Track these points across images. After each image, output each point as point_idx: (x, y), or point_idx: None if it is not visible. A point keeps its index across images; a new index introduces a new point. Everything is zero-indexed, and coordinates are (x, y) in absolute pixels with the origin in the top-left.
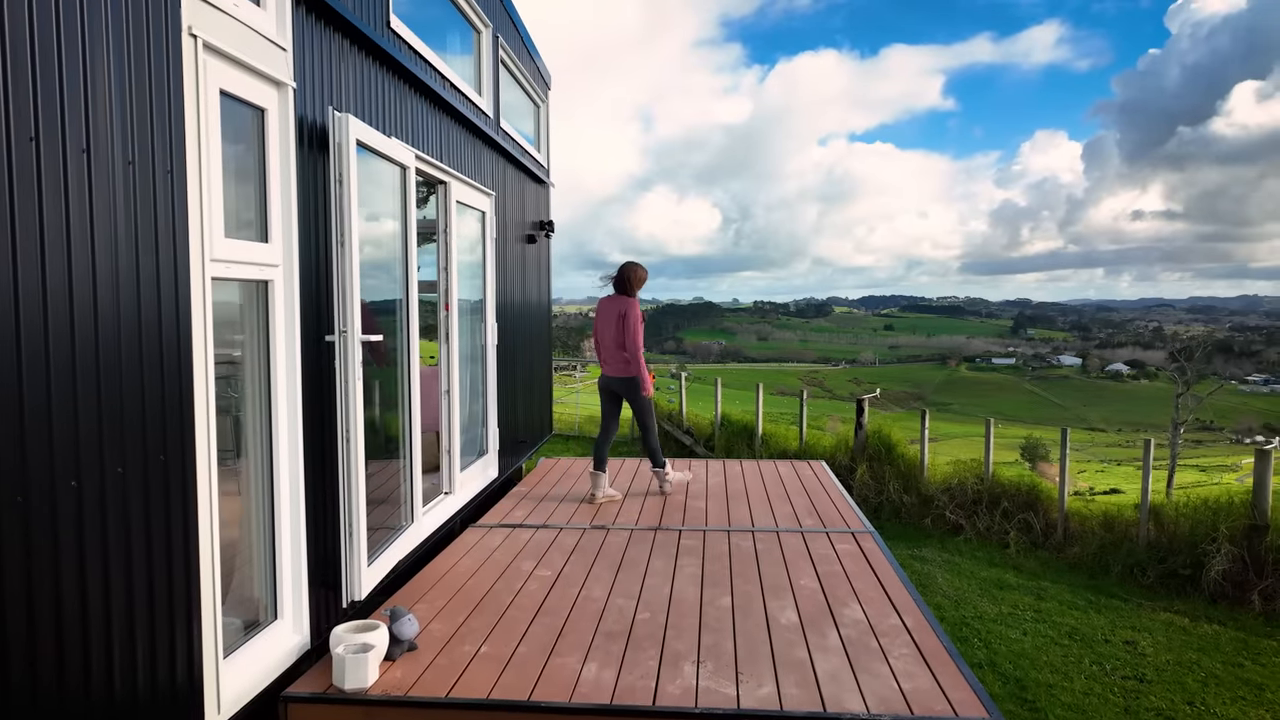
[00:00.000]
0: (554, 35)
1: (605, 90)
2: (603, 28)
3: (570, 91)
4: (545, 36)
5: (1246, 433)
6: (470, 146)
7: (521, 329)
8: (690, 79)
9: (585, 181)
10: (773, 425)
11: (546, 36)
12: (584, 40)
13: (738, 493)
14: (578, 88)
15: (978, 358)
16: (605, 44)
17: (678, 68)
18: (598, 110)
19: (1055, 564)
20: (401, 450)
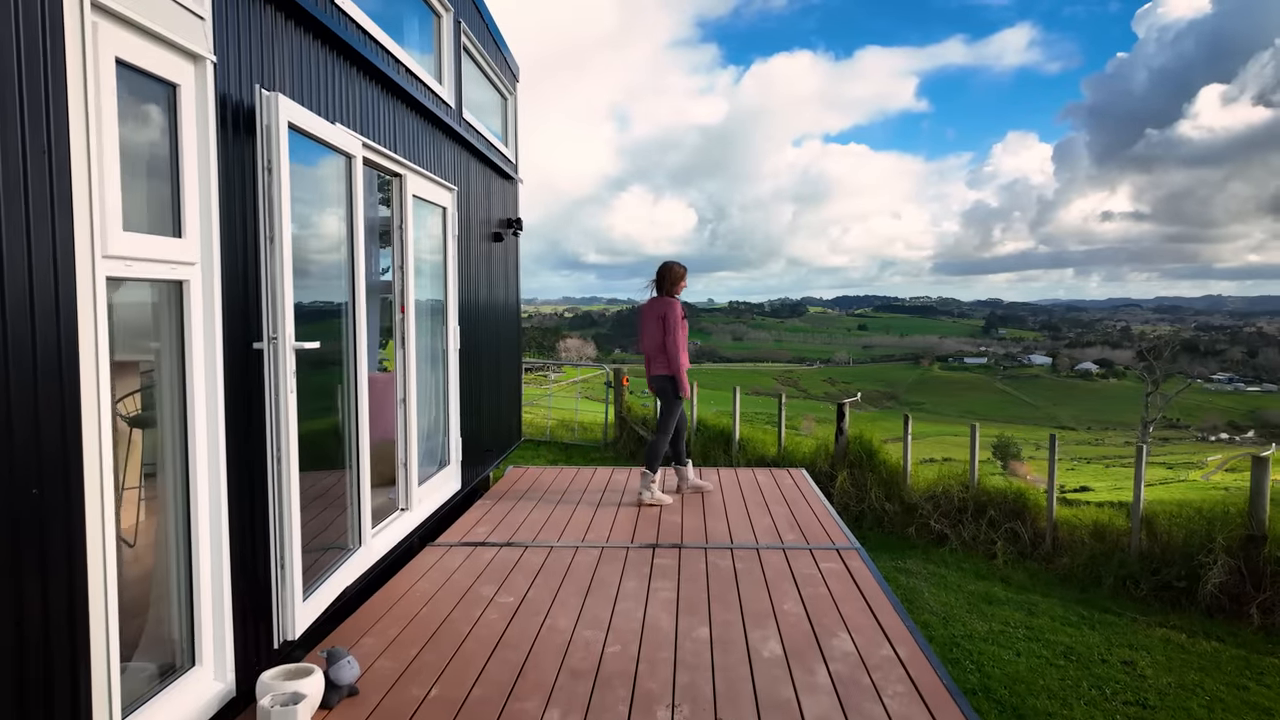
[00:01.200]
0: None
1: (580, 89)
2: (577, 26)
3: (545, 90)
4: (518, 32)
5: (1211, 430)
6: (429, 138)
7: (488, 331)
8: (666, 79)
9: (560, 181)
10: (749, 428)
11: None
12: (558, 38)
13: (715, 505)
14: (552, 86)
15: (950, 357)
16: (580, 42)
17: (653, 68)
18: (573, 109)
19: (1045, 576)
20: (348, 466)
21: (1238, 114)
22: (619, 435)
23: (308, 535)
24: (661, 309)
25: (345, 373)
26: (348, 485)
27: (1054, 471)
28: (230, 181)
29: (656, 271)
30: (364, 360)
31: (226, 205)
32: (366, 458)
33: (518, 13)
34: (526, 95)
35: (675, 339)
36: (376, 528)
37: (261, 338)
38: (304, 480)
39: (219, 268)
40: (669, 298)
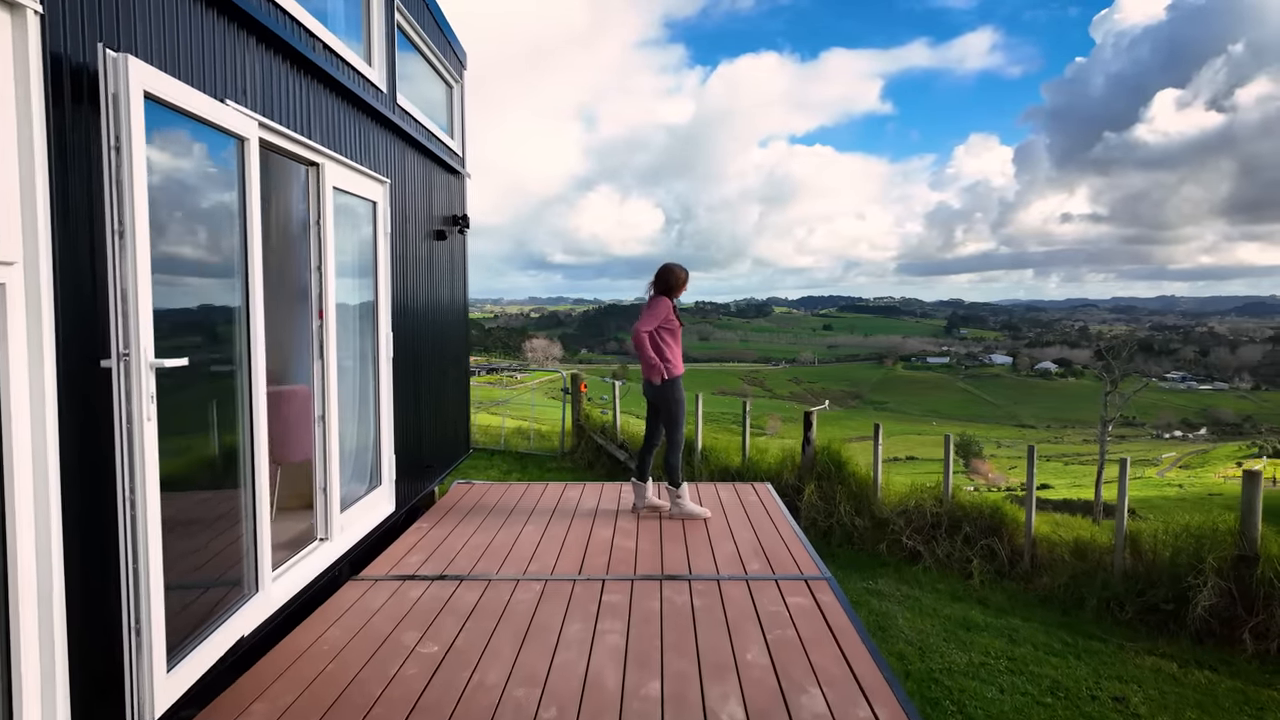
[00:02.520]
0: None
1: (548, 88)
2: (545, 24)
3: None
4: (483, 30)
5: (1166, 428)
6: (355, 124)
7: (430, 336)
8: (633, 79)
9: (527, 180)
10: (713, 435)
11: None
12: (526, 36)
13: (674, 527)
14: (519, 85)
15: (913, 357)
16: (547, 41)
17: (620, 67)
18: (540, 108)
19: (1024, 597)
20: (242, 499)
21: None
22: (577, 444)
23: (192, 577)
24: (649, 305)
25: (239, 386)
26: (242, 521)
27: (1033, 485)
28: (69, 164)
29: (655, 273)
30: (260, 371)
31: (61, 192)
32: (264, 486)
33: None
34: (491, 91)
35: (639, 327)
36: (287, 563)
37: (111, 353)
38: (193, 509)
39: (50, 268)
40: (662, 295)
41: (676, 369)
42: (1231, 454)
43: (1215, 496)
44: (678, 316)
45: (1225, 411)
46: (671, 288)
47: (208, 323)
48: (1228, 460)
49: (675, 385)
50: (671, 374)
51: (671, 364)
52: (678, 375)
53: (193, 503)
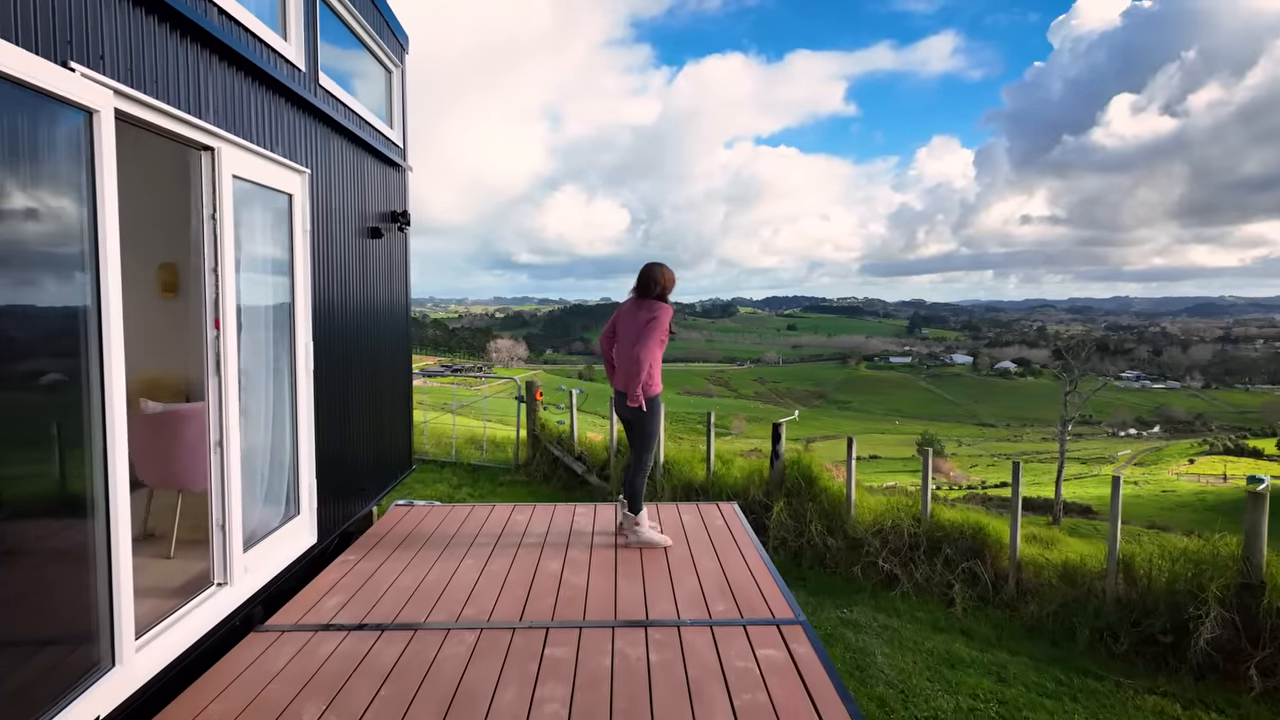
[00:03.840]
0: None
1: (513, 87)
2: (510, 23)
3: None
4: (448, 27)
5: (1121, 426)
6: (263, 105)
7: (363, 343)
8: (599, 79)
9: (492, 179)
10: (676, 445)
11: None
12: (491, 35)
13: (630, 558)
14: (484, 83)
15: (876, 356)
16: (512, 40)
17: (586, 67)
18: (505, 107)
19: (1010, 628)
20: (93, 545)
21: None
22: (531, 455)
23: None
24: (652, 312)
25: (85, 406)
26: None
27: (1018, 506)
28: None
29: (641, 272)
30: (117, 384)
31: None
32: (122, 527)
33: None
34: (456, 89)
35: (646, 344)
36: (171, 617)
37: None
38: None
39: None
40: (660, 301)
41: (658, 385)
42: (1184, 451)
43: (1169, 493)
44: (673, 328)
45: (1177, 410)
46: (664, 293)
47: (51, 329)
48: (1180, 457)
49: (656, 403)
50: (653, 393)
51: (654, 382)
52: (658, 393)
53: (20, 545)
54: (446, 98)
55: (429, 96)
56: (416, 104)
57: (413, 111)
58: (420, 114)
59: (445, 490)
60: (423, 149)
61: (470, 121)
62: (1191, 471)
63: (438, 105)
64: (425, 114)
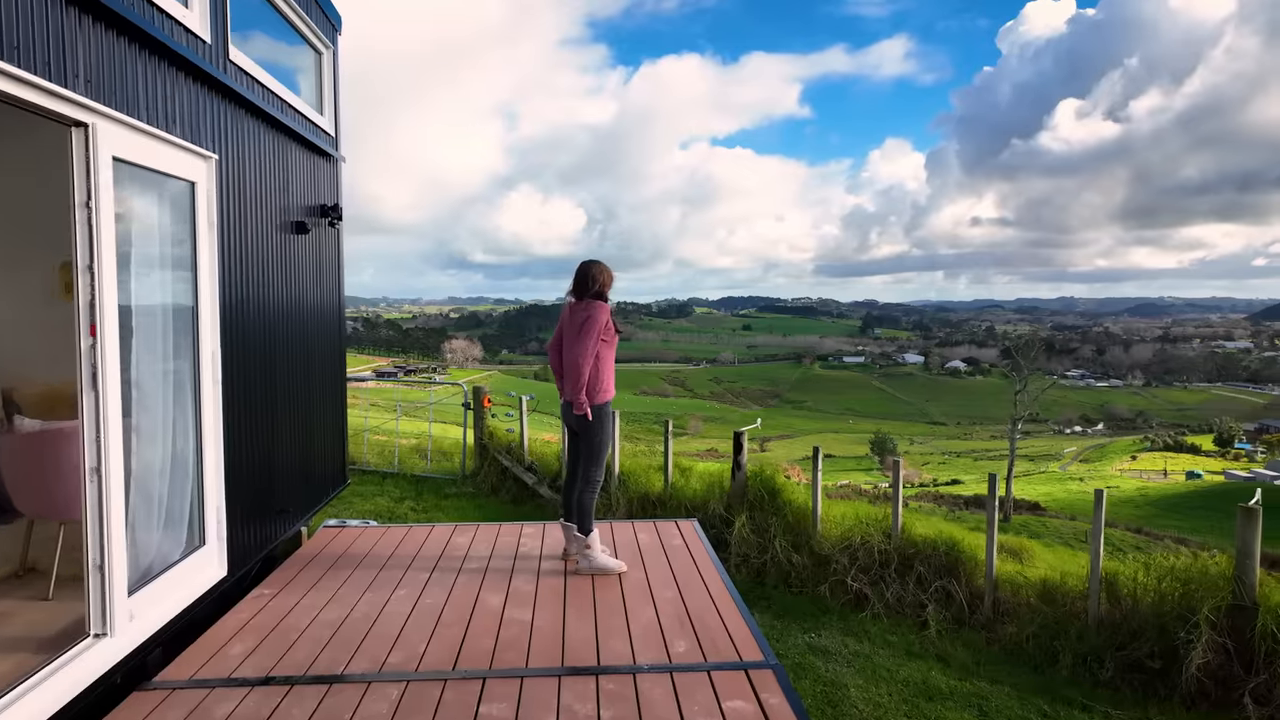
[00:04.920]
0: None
1: (468, 85)
2: (466, 21)
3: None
4: (404, 24)
5: (1067, 424)
6: (155, 77)
7: (288, 348)
8: (555, 78)
9: (447, 178)
10: (633, 443)
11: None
12: (446, 32)
13: (581, 587)
14: (439, 80)
15: (830, 356)
16: (468, 38)
17: (542, 66)
18: (460, 105)
19: (988, 652)
20: None
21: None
22: (479, 466)
23: None
24: (587, 311)
25: None
26: None
27: (994, 522)
28: None
29: (576, 271)
30: None
31: None
32: None
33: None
34: (410, 86)
35: (582, 346)
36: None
37: None
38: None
39: None
40: (597, 300)
41: (608, 392)
42: (1126, 448)
43: (1113, 489)
44: (616, 326)
45: (1120, 408)
46: (603, 292)
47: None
48: (1123, 454)
49: (604, 411)
50: (602, 400)
51: (603, 389)
52: (609, 399)
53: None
54: (401, 95)
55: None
56: (369, 101)
57: (365, 108)
58: (373, 111)
59: (386, 504)
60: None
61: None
62: (1134, 468)
63: (392, 102)
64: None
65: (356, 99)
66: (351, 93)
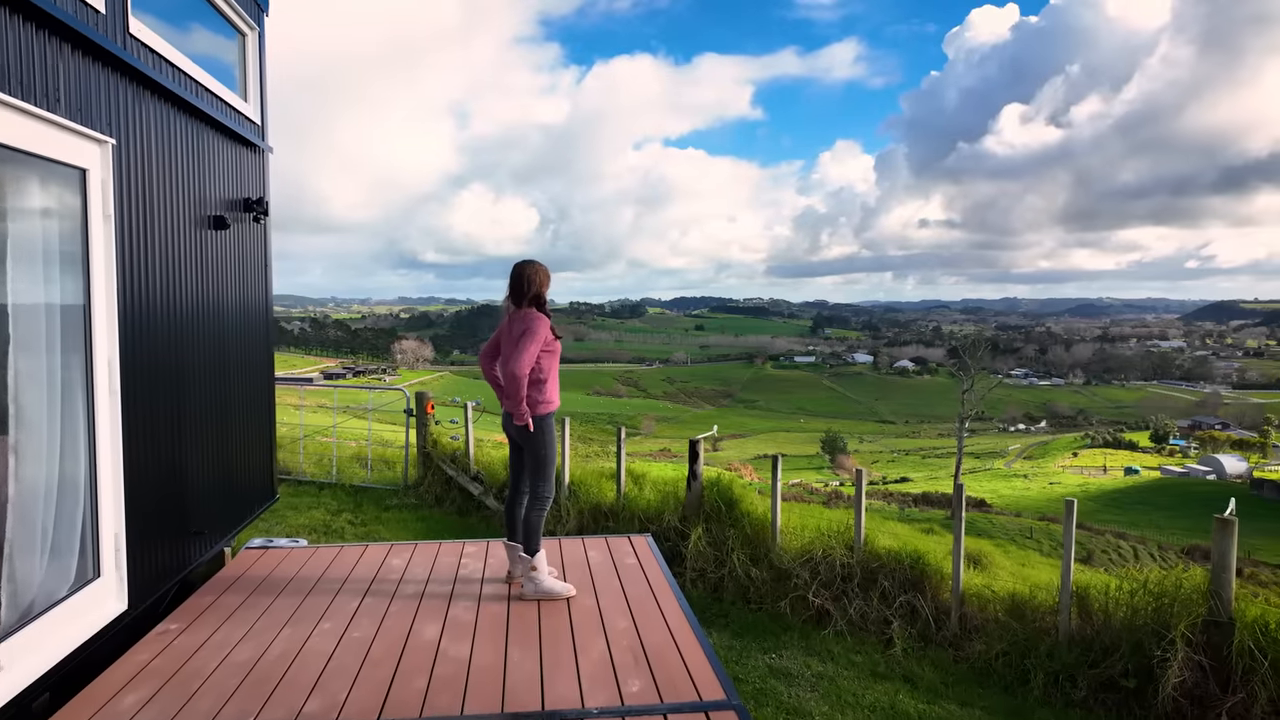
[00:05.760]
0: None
1: (419, 83)
2: (417, 17)
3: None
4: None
5: (1011, 422)
6: (32, 47)
7: (202, 353)
8: (508, 76)
9: (398, 177)
10: (586, 443)
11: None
12: (397, 29)
13: (526, 615)
14: (389, 77)
15: (781, 356)
16: (419, 34)
17: (495, 64)
18: (412, 103)
19: (957, 672)
20: None
21: (1033, 132)
22: (422, 475)
23: None
24: (525, 324)
25: None
26: None
27: (960, 535)
28: None
29: (511, 274)
30: None
31: None
32: None
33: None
34: (360, 83)
35: (518, 359)
36: None
37: None
38: None
39: None
40: (533, 310)
41: (553, 403)
42: (1068, 445)
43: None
44: (556, 332)
45: (1062, 405)
46: (540, 295)
47: None
48: (1065, 451)
49: (548, 423)
50: (546, 411)
51: (546, 399)
52: (553, 410)
53: None
54: (350, 92)
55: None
56: (318, 98)
57: (314, 106)
58: (322, 108)
59: (322, 518)
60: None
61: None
62: (1075, 464)
63: (342, 100)
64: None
65: (305, 97)
66: (300, 91)
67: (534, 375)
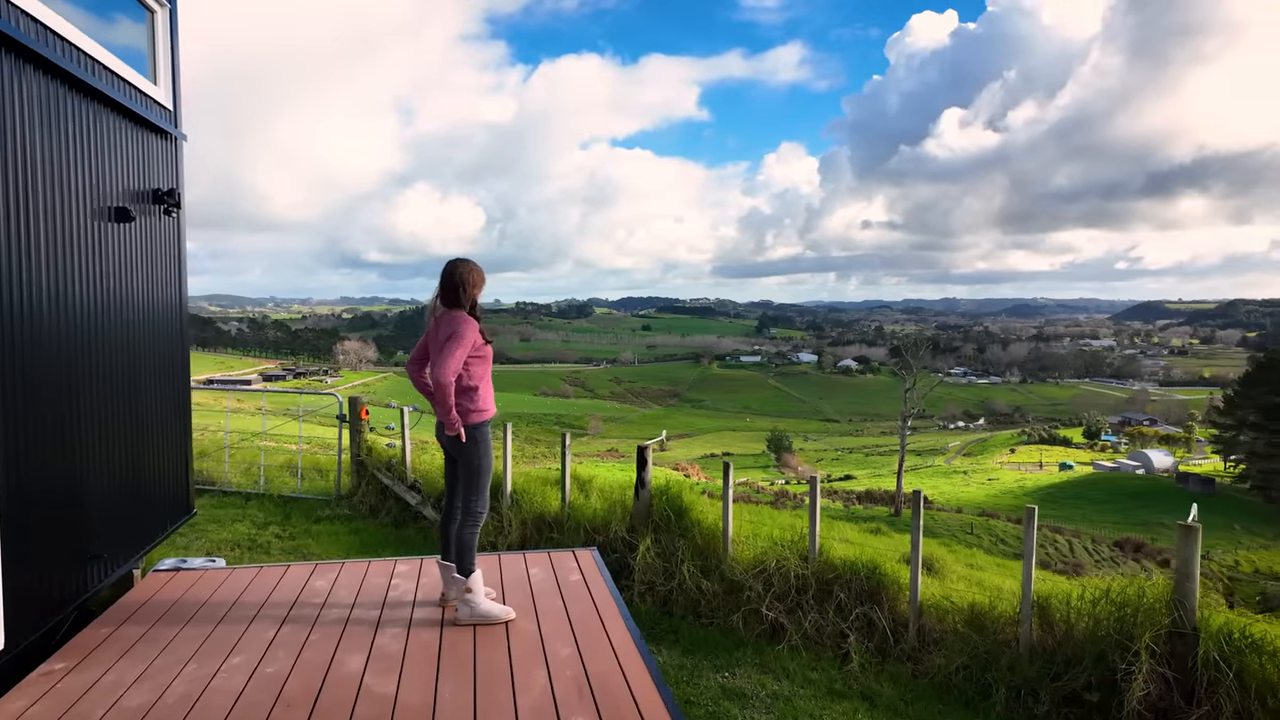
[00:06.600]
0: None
1: (362, 79)
2: (361, 12)
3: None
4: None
5: (951, 419)
6: None
7: (101, 358)
8: (453, 74)
9: (339, 175)
10: (533, 445)
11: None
12: (340, 22)
13: (460, 643)
14: (331, 72)
15: (728, 355)
16: (363, 29)
17: (440, 62)
18: (354, 99)
19: (917, 687)
20: None
21: (972, 136)
22: (356, 485)
23: None
24: (451, 327)
25: None
26: None
27: (919, 543)
28: None
29: (443, 273)
30: None
31: None
32: None
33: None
34: (300, 77)
35: (444, 364)
36: None
37: None
38: None
39: None
40: (462, 312)
41: (487, 411)
42: (1006, 441)
43: (993, 481)
44: (486, 336)
45: (999, 403)
46: (473, 297)
47: None
48: (1003, 447)
49: (483, 432)
50: (480, 419)
51: (480, 407)
52: (488, 418)
53: None
54: (290, 88)
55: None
56: (255, 91)
57: (251, 101)
58: (259, 104)
59: (247, 531)
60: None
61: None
62: (1013, 460)
63: (280, 96)
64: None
65: (242, 90)
66: (236, 83)
67: (464, 382)
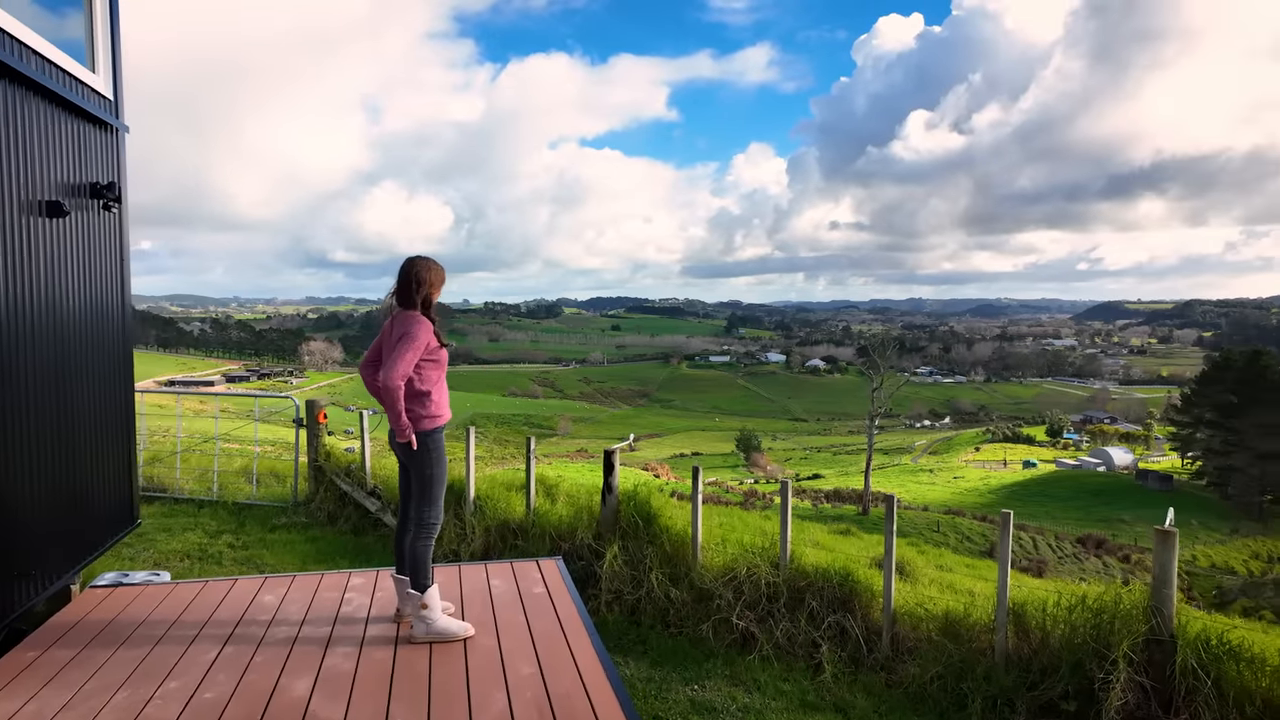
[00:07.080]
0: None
1: (329, 77)
2: (326, 8)
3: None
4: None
5: (917, 418)
6: None
7: (31, 361)
8: (421, 72)
9: (305, 173)
10: (502, 446)
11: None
12: (305, 19)
13: (416, 661)
14: (296, 69)
15: (697, 355)
16: (329, 27)
17: (407, 60)
18: (320, 96)
19: (890, 697)
20: None
21: (938, 138)
22: (314, 491)
23: None
24: (404, 327)
25: None
26: None
27: (892, 548)
28: None
29: (400, 271)
30: None
31: None
32: None
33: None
34: (265, 74)
35: (392, 368)
36: None
37: None
38: None
39: None
40: (416, 312)
41: (441, 417)
42: (970, 440)
43: (959, 479)
44: (441, 339)
45: (964, 402)
46: (430, 297)
47: None
48: (968, 445)
49: (436, 440)
50: (433, 426)
51: (433, 413)
52: (441, 425)
53: None
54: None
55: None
56: (218, 88)
57: (214, 98)
58: (222, 101)
59: (198, 541)
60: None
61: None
62: (977, 458)
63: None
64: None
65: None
66: (199, 80)
67: (416, 386)
